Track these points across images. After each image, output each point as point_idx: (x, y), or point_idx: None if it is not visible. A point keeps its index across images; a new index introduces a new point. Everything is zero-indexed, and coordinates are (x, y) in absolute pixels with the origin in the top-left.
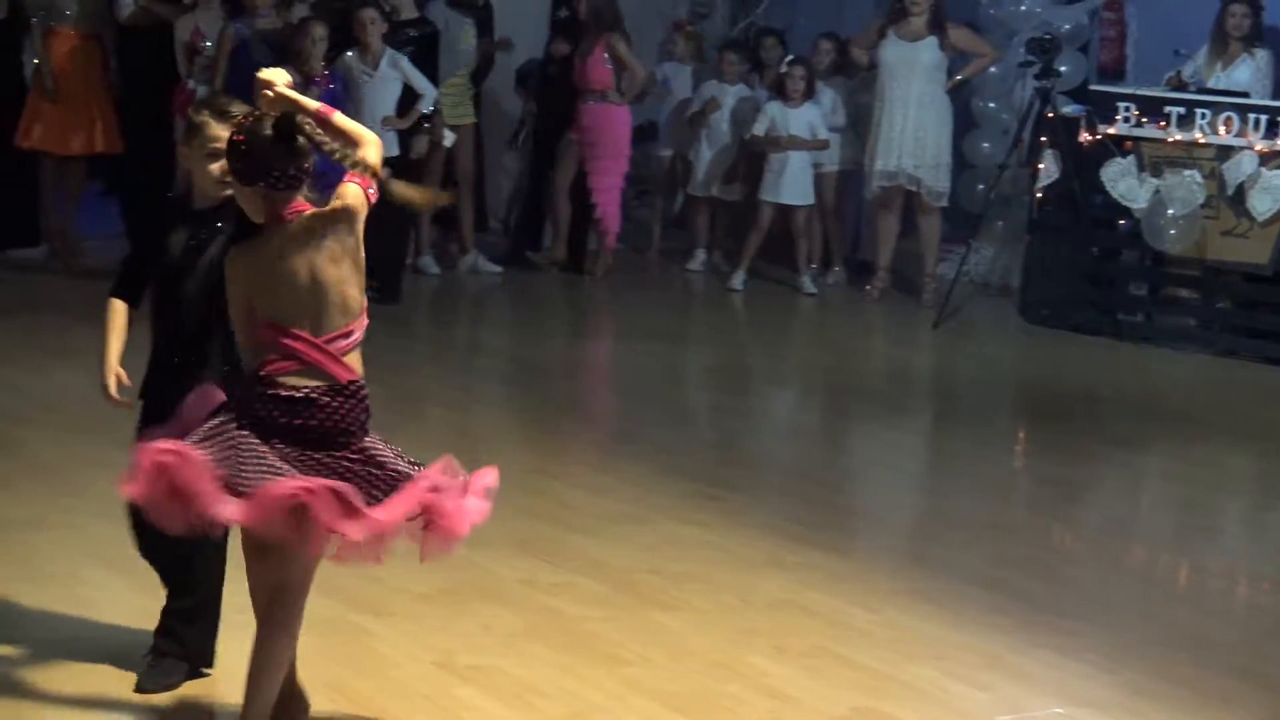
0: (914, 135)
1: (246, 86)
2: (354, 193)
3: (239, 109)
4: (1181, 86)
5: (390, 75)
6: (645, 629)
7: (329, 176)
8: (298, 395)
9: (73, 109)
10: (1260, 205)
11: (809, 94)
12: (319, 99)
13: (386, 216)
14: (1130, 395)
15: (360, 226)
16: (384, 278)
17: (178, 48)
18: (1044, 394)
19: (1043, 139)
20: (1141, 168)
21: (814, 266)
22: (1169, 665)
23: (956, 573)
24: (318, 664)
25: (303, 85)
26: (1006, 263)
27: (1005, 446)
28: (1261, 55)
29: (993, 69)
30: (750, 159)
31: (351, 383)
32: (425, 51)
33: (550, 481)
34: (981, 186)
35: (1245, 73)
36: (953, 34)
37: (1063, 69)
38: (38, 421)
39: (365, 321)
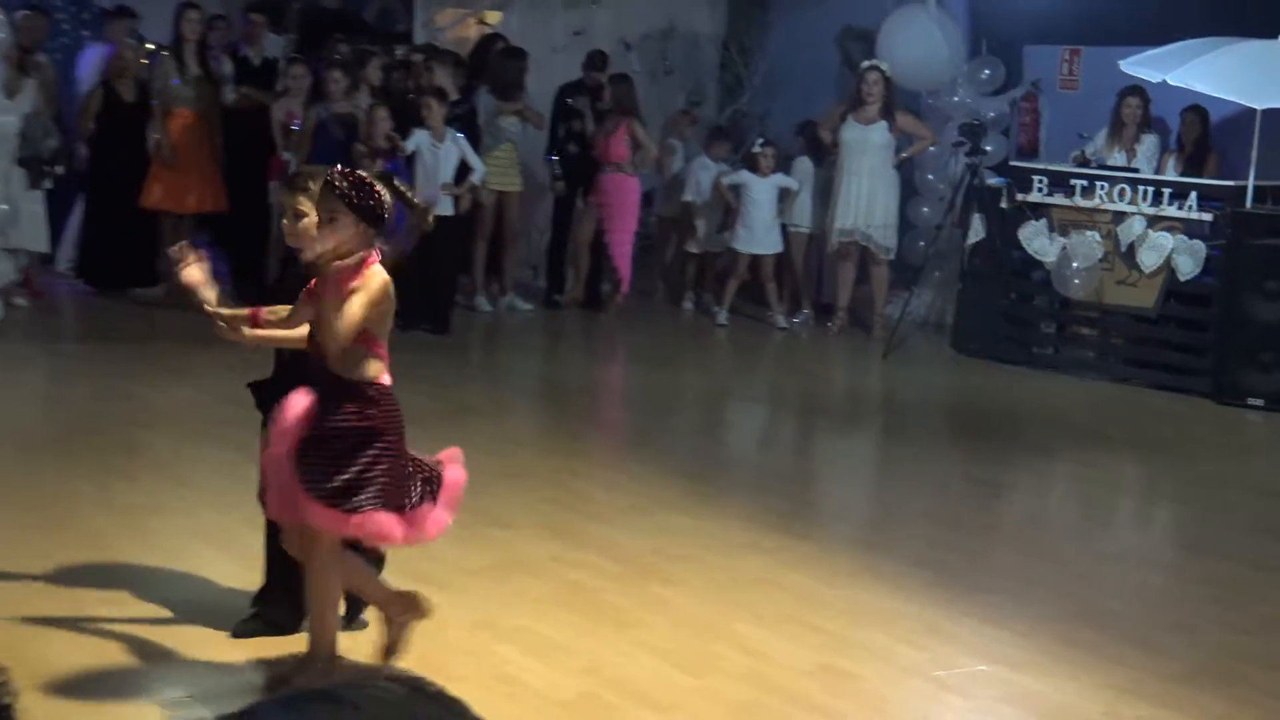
0: (867, 201)
1: (326, 157)
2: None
3: (312, 181)
4: (1084, 163)
5: (452, 151)
6: (649, 599)
7: (398, 230)
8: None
9: (187, 175)
10: (1147, 260)
11: (775, 169)
12: (384, 169)
13: (439, 264)
14: (1042, 413)
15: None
16: (437, 314)
17: (273, 126)
18: (972, 411)
19: (972, 205)
20: (1051, 229)
21: (784, 307)
22: (1074, 632)
23: (901, 556)
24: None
25: (370, 157)
26: (942, 305)
27: (941, 454)
28: (1149, 139)
29: (931, 148)
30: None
31: None
32: (466, 126)
33: (573, 479)
34: (922, 243)
35: (1139, 153)
36: (900, 119)
37: (988, 148)
38: (157, 428)
39: None
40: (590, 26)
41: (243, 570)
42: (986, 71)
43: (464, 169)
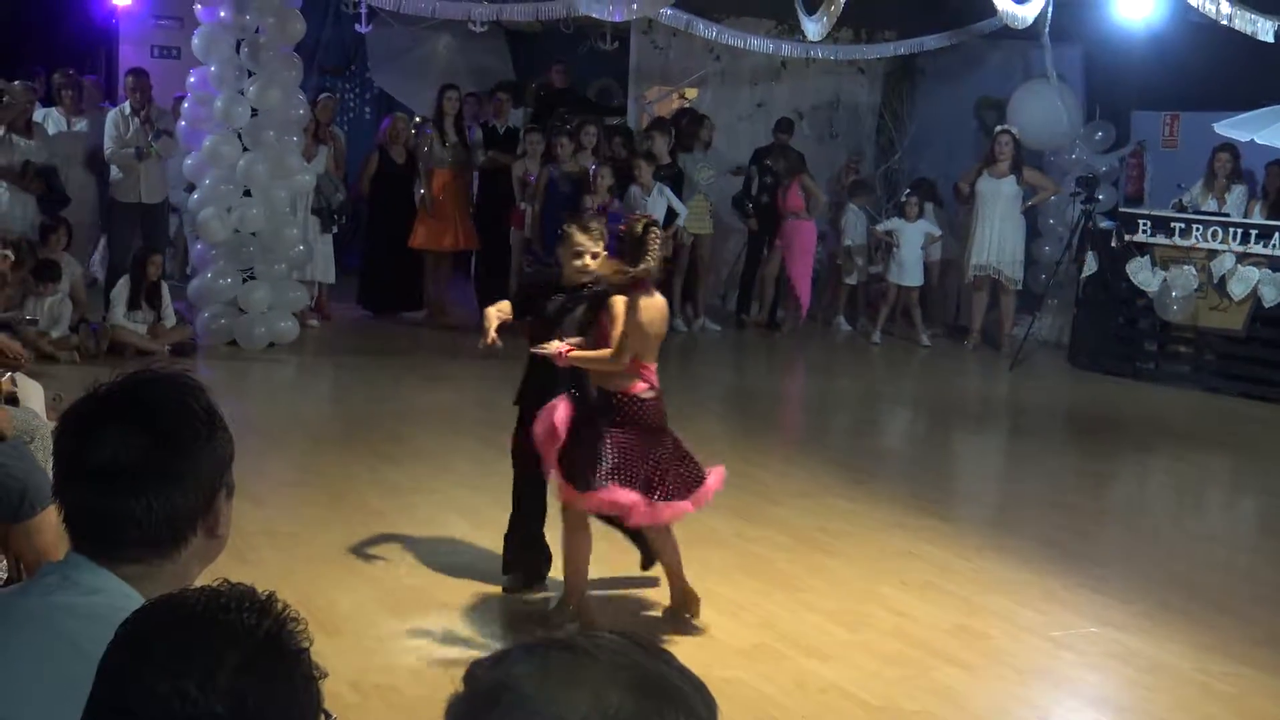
0: (999, 241)
1: (556, 207)
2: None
3: (596, 224)
4: (1182, 209)
5: (659, 200)
6: (814, 567)
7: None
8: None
9: (445, 221)
10: (1236, 290)
11: (919, 214)
12: (608, 218)
13: None
14: (1144, 417)
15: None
16: None
17: (514, 182)
18: (1084, 416)
19: (1086, 244)
20: (1154, 264)
21: (927, 328)
22: (1170, 600)
23: (1024, 534)
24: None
25: (594, 208)
26: (1060, 327)
27: (1058, 450)
28: (1238, 189)
29: (1053, 197)
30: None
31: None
32: (674, 183)
33: (753, 469)
34: (1044, 275)
35: (1229, 201)
36: (1027, 173)
37: (1101, 197)
38: (419, 423)
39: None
40: (770, 99)
41: (488, 537)
42: (1100, 133)
43: (670, 215)
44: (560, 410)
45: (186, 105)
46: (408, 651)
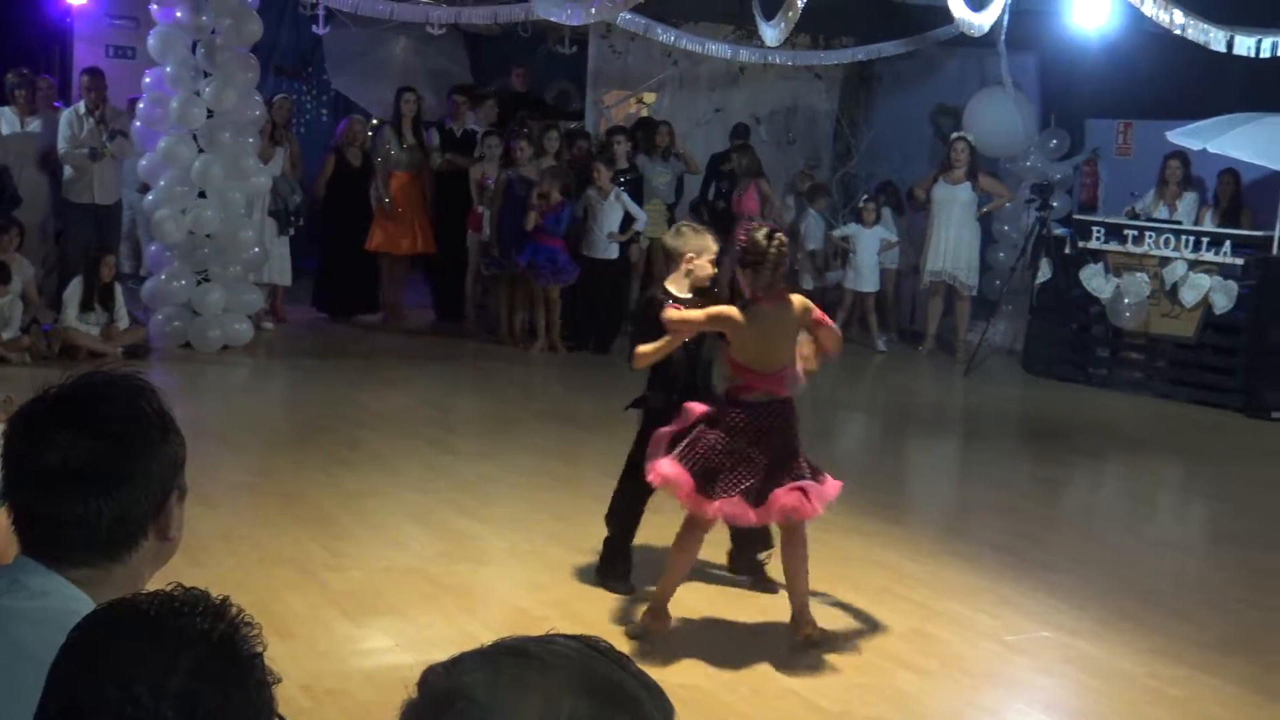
0: (954, 247)
1: (514, 210)
2: (800, 302)
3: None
4: (1135, 217)
5: (616, 205)
6: (771, 571)
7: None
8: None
9: (402, 224)
10: (1188, 297)
11: (876, 219)
12: (560, 214)
13: (604, 298)
14: (1096, 423)
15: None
16: (601, 337)
17: (471, 185)
18: (1038, 421)
19: (1041, 251)
20: (1107, 271)
21: (882, 334)
22: (1122, 605)
23: (978, 540)
24: (554, 590)
25: (539, 211)
26: (1014, 333)
27: (1011, 455)
28: (1190, 196)
29: (1008, 204)
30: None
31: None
32: (632, 188)
33: None
34: (998, 282)
35: (1180, 208)
36: (982, 180)
37: (1055, 204)
38: (374, 427)
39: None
40: (728, 104)
41: (439, 540)
42: (1054, 141)
43: (628, 220)
44: (693, 415)
45: (142, 106)
46: (361, 656)
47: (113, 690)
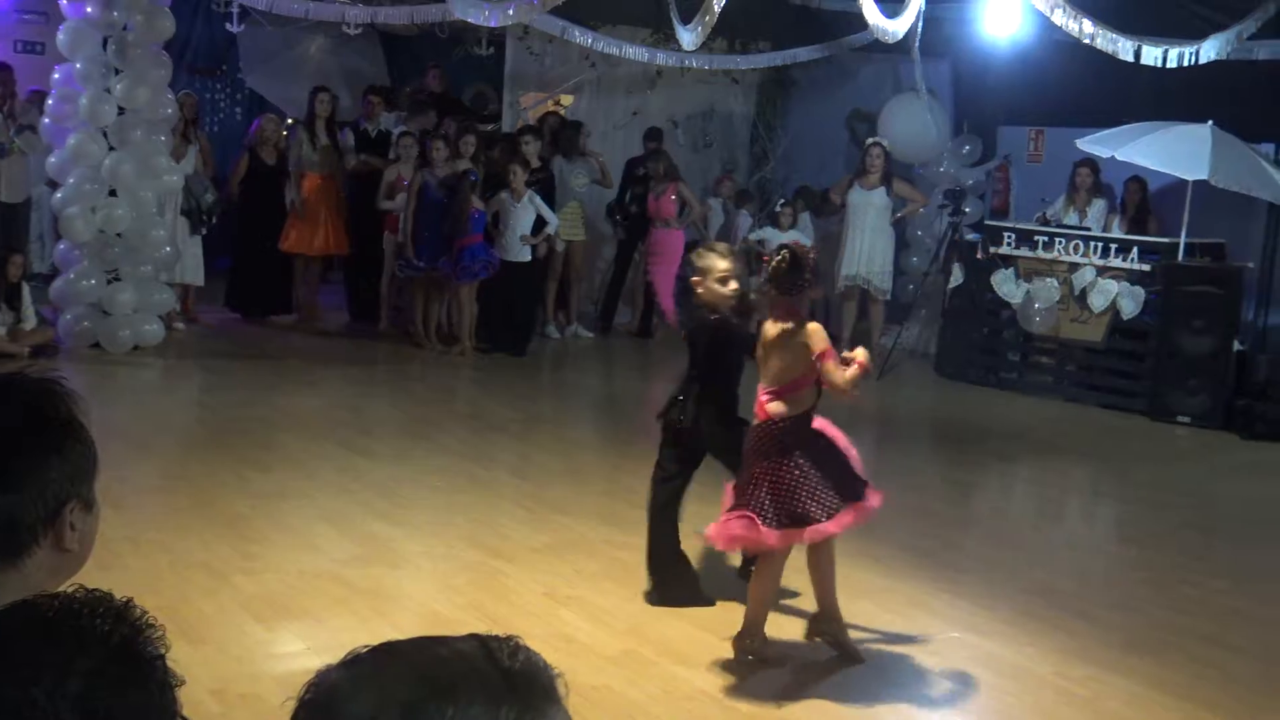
0: (868, 252)
1: (430, 212)
2: (814, 331)
3: (722, 245)
4: (1046, 223)
5: (528, 207)
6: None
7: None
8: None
9: (316, 225)
10: (1096, 302)
11: (793, 224)
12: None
13: (519, 300)
14: (1007, 426)
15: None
16: (516, 340)
17: (383, 186)
18: (950, 424)
19: (953, 256)
20: (1018, 276)
21: None
22: (1030, 606)
23: (890, 541)
24: (469, 593)
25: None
26: (927, 337)
27: (923, 458)
28: (1099, 203)
29: (922, 209)
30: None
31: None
32: (545, 188)
33: (623, 475)
34: (912, 286)
35: (1089, 214)
36: (897, 185)
37: (968, 210)
38: (288, 428)
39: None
40: (645, 108)
41: (353, 543)
42: (967, 147)
43: (540, 223)
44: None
45: (50, 102)
46: (273, 660)
47: (10, 692)
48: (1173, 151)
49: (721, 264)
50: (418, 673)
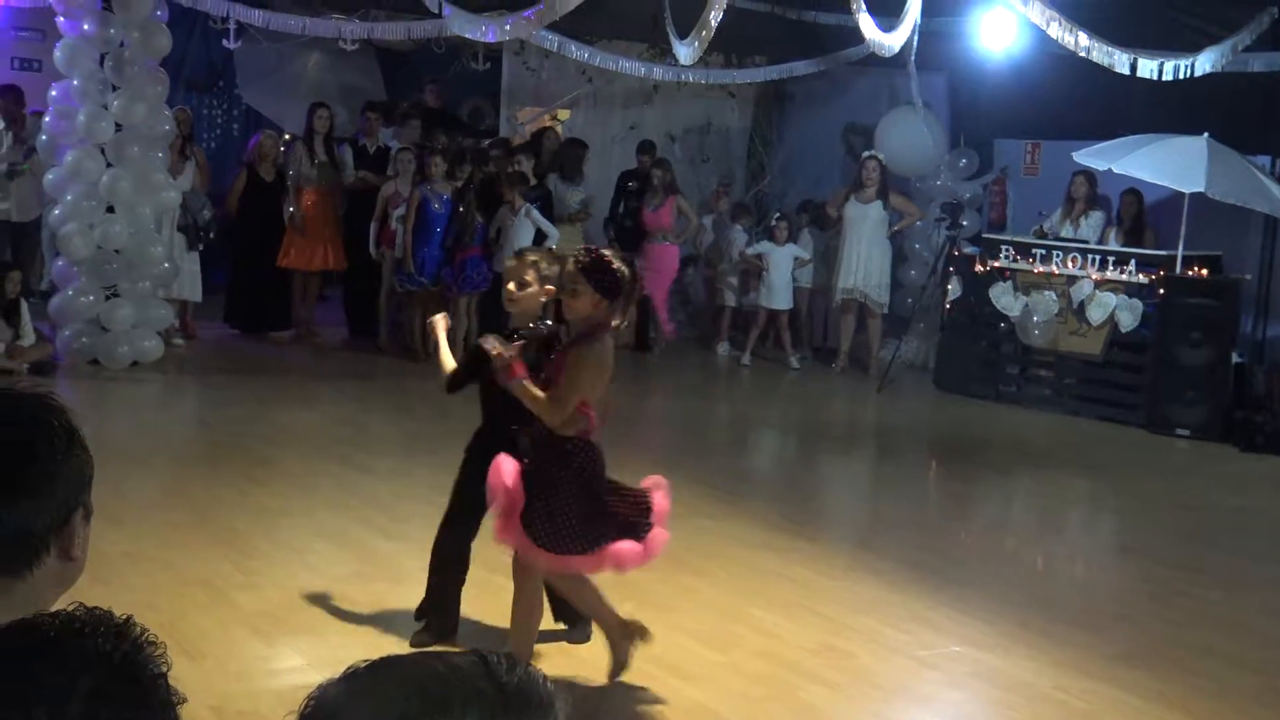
0: (865, 265)
1: (427, 229)
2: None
3: (534, 253)
4: (1043, 236)
5: (526, 222)
6: (681, 588)
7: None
8: None
9: (314, 241)
10: (1095, 315)
11: (789, 238)
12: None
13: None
14: (1006, 439)
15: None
16: None
17: (380, 201)
18: (949, 437)
19: (951, 269)
20: (1016, 289)
21: (796, 351)
22: (1030, 619)
23: (889, 555)
24: (468, 608)
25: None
26: (926, 350)
27: (923, 471)
28: (1095, 215)
29: (919, 222)
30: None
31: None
32: (543, 205)
33: None
34: (910, 300)
35: (1086, 226)
36: (893, 199)
37: (965, 223)
38: (286, 445)
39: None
40: (642, 122)
41: (353, 559)
42: (964, 161)
43: (540, 236)
44: (510, 472)
45: (48, 119)
46: (272, 676)
47: (12, 714)
48: (1169, 164)
49: (524, 272)
50: (414, 687)
